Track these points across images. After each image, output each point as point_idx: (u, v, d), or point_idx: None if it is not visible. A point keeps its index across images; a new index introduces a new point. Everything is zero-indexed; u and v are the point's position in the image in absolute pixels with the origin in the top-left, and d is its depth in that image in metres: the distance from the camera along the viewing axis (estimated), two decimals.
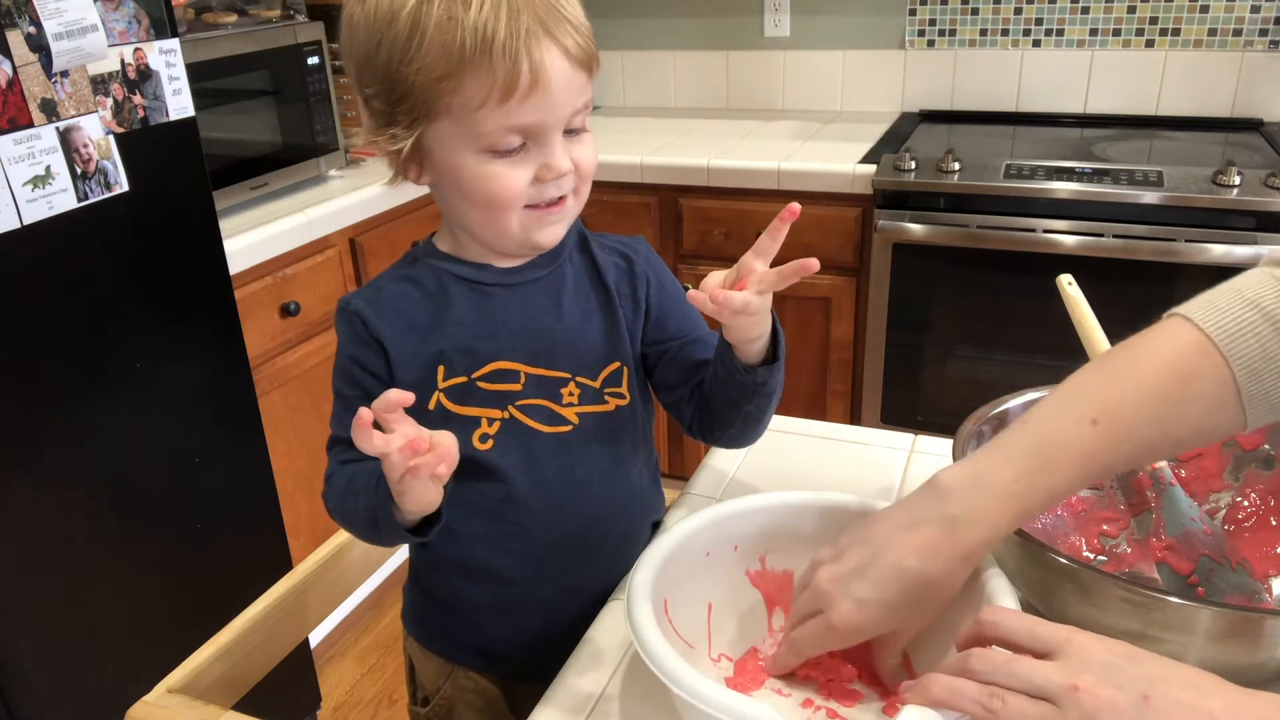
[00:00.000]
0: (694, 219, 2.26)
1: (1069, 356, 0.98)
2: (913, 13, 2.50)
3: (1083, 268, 1.41)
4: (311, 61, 2.02)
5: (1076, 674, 0.54)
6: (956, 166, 1.98)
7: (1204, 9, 2.27)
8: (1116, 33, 2.36)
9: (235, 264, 1.65)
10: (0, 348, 1.25)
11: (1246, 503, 0.86)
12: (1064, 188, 1.91)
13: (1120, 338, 0.87)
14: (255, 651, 0.93)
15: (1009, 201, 1.95)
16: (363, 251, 2.03)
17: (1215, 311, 0.68)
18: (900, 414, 2.19)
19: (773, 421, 1.15)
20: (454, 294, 0.83)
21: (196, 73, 1.60)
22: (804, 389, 2.31)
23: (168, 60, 1.41)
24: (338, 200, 1.95)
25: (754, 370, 0.79)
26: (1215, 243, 1.81)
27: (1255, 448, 0.86)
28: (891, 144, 2.22)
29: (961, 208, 1.98)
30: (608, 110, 2.85)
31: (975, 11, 2.45)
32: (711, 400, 0.84)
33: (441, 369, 0.81)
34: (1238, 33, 2.27)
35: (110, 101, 1.33)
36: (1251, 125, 2.29)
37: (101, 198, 1.34)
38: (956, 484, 0.68)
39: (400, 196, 2.10)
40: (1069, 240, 1.91)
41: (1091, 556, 0.86)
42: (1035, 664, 0.56)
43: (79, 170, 1.30)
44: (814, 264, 0.69)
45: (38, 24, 1.22)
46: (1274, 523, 0.84)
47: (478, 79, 0.70)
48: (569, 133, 0.76)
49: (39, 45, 1.23)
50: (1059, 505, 0.89)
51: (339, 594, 1.03)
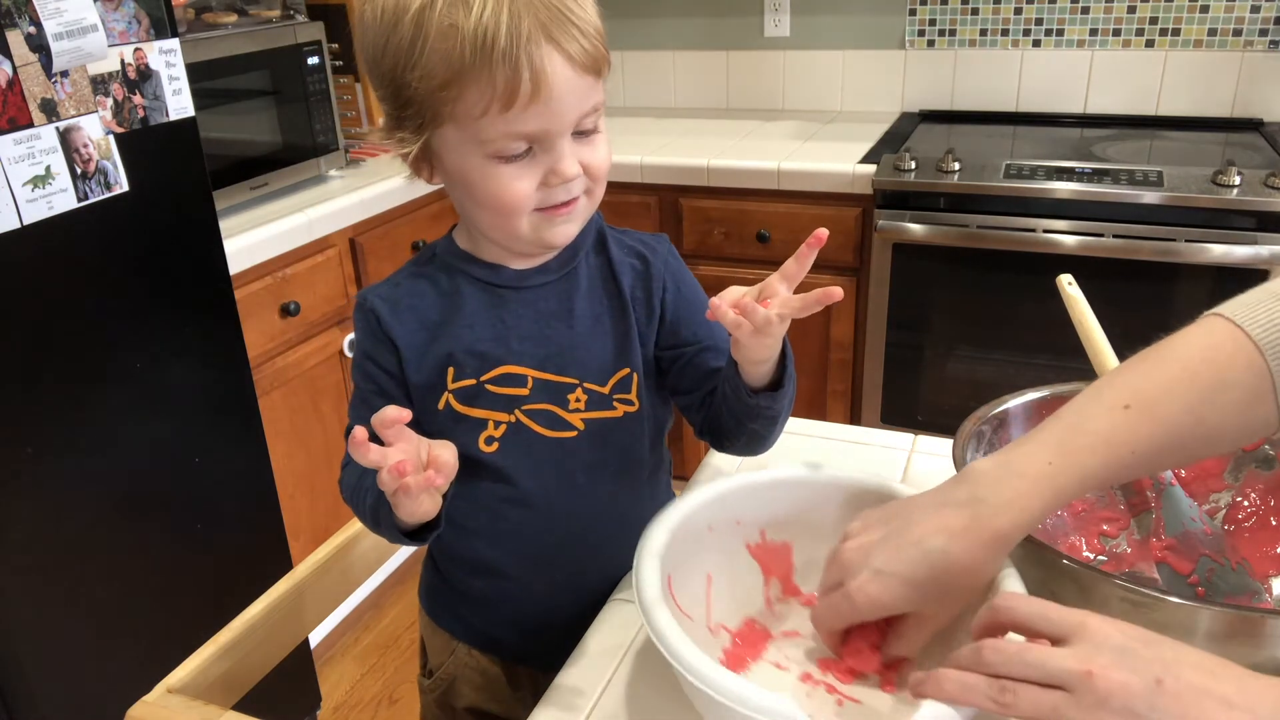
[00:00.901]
0: (694, 219, 2.26)
1: (1069, 356, 0.98)
2: (913, 13, 2.50)
3: (1083, 268, 1.41)
4: (311, 61, 2.02)
5: (1090, 659, 0.54)
6: (956, 166, 1.98)
7: (1204, 9, 2.27)
8: (1116, 33, 2.36)
9: (235, 264, 1.65)
10: (0, 348, 1.25)
11: (1246, 503, 0.86)
12: (1064, 188, 1.91)
13: (1120, 338, 0.87)
14: (255, 651, 0.93)
15: (1009, 201, 1.95)
16: (363, 251, 2.03)
17: (1249, 308, 0.68)
18: (900, 414, 2.19)
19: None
20: (466, 294, 0.83)
21: (196, 73, 1.60)
22: (804, 389, 2.31)
23: (168, 60, 1.41)
24: (338, 200, 1.95)
25: (757, 395, 0.78)
26: (1215, 243, 1.81)
27: (1255, 448, 0.86)
28: (891, 144, 2.22)
29: (961, 208, 1.98)
30: (608, 110, 2.84)
31: (975, 11, 2.44)
32: (719, 414, 0.84)
33: (451, 370, 0.81)
34: (1238, 33, 2.27)
35: (110, 101, 1.33)
36: (1251, 125, 2.29)
37: (101, 198, 1.34)
38: (987, 469, 0.68)
39: (400, 196, 2.10)
40: (1069, 240, 1.91)
41: (1091, 556, 0.86)
42: (1048, 651, 0.56)
43: (79, 170, 1.30)
44: (838, 292, 0.68)
45: (38, 24, 1.22)
46: (1274, 523, 0.84)
47: (478, 87, 0.69)
48: (580, 134, 0.75)
49: (39, 45, 1.23)
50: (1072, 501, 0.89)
51: (339, 594, 1.03)
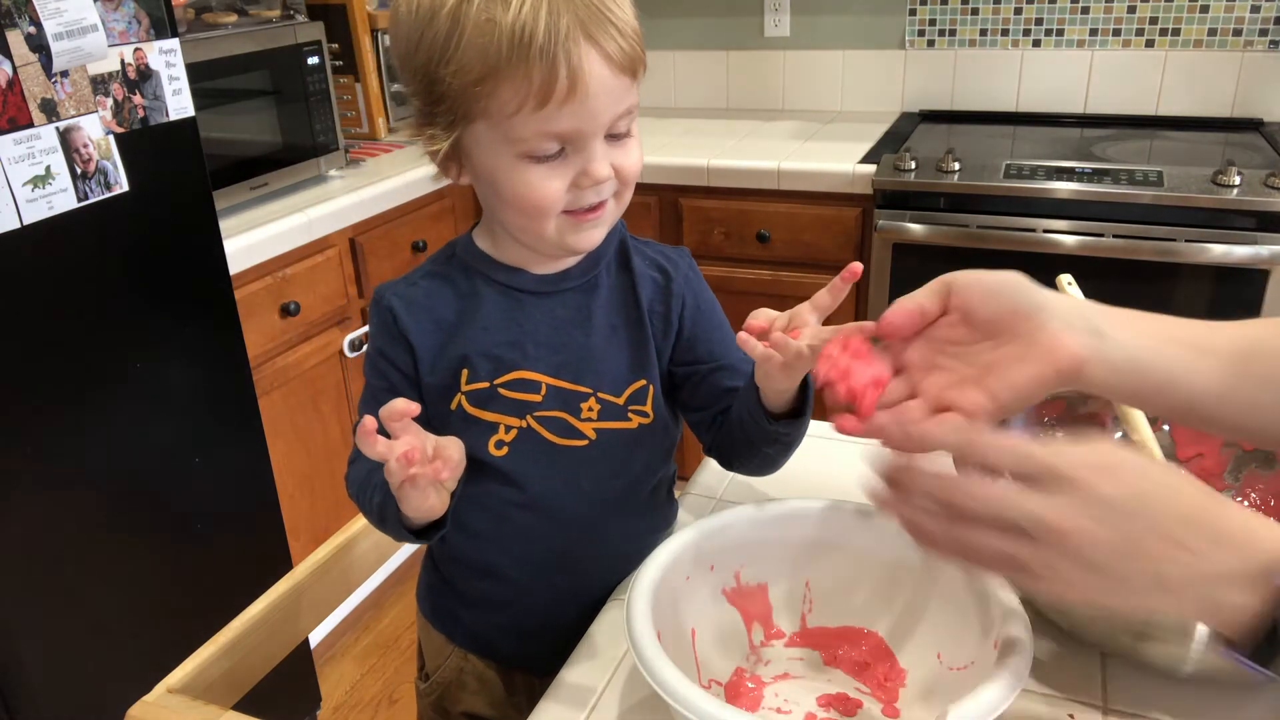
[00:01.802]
0: (694, 219, 2.26)
1: None
2: (913, 13, 2.50)
3: (1083, 268, 1.41)
4: (311, 61, 2.02)
5: (1064, 508, 0.52)
6: (956, 166, 1.98)
7: (1204, 9, 2.27)
8: (1116, 33, 2.36)
9: (235, 264, 1.65)
10: (0, 348, 1.25)
11: (1246, 503, 0.86)
12: (1064, 188, 1.90)
13: None
14: (255, 651, 0.93)
15: (1009, 201, 1.94)
16: (363, 251, 2.03)
17: None
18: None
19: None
20: (484, 296, 0.82)
21: (196, 73, 1.60)
22: None
23: (168, 60, 1.41)
24: (338, 200, 1.95)
25: (776, 421, 0.78)
26: (1215, 243, 1.81)
27: (1255, 448, 0.86)
28: (891, 144, 2.22)
29: (961, 208, 1.98)
30: None
31: (975, 11, 2.44)
32: (732, 435, 0.83)
33: (465, 372, 0.81)
34: (1238, 33, 2.27)
35: (110, 101, 1.33)
36: (1251, 125, 2.29)
37: (101, 198, 1.34)
38: None
39: (400, 196, 2.10)
40: (1069, 240, 1.91)
41: None
42: (1021, 495, 0.53)
43: (79, 170, 1.30)
44: (871, 326, 0.67)
45: (38, 24, 1.22)
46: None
47: (513, 83, 0.68)
48: (612, 137, 0.74)
49: (39, 45, 1.23)
50: None
51: (339, 594, 1.03)
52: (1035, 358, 0.62)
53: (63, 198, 1.29)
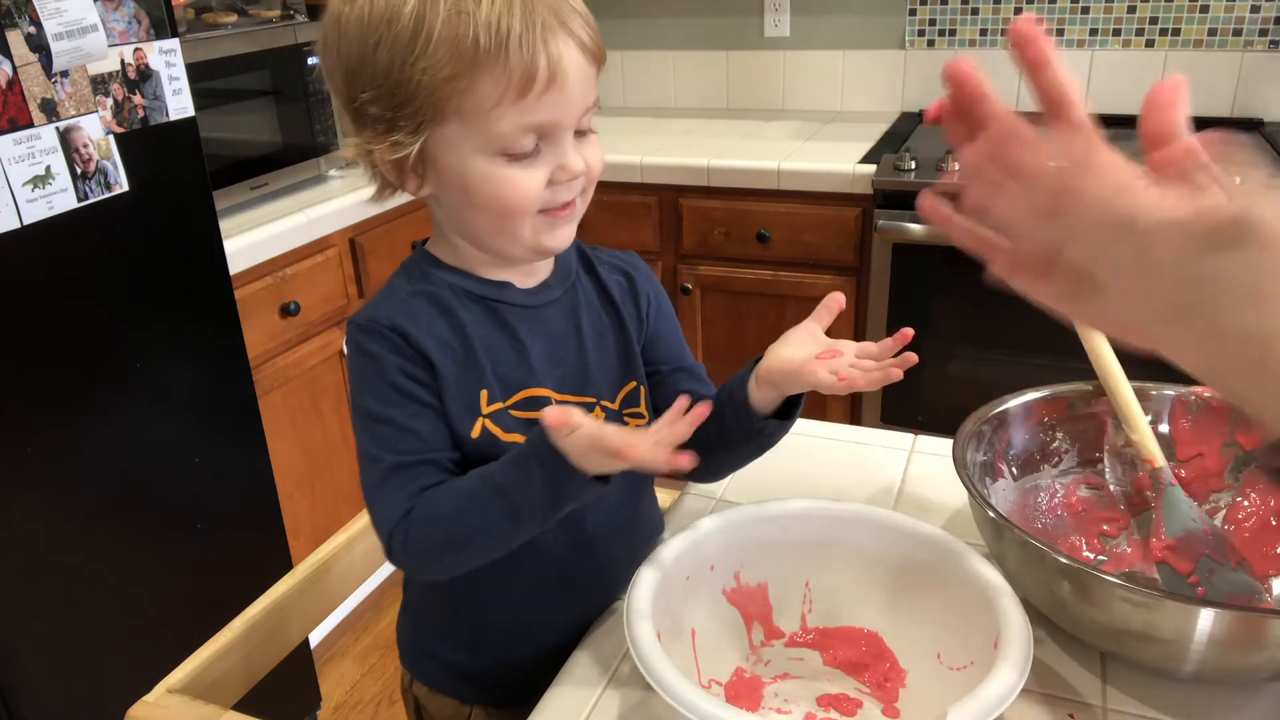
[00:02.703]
0: (694, 219, 2.26)
1: (1069, 356, 0.98)
2: (913, 13, 2.50)
3: None
4: (311, 61, 2.02)
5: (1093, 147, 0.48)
6: (957, 167, 1.98)
7: (1204, 9, 2.27)
8: (1116, 33, 2.36)
9: (235, 264, 1.65)
10: (0, 348, 1.25)
11: (1246, 503, 0.86)
12: None
13: None
14: (255, 651, 0.93)
15: None
16: (362, 251, 2.03)
17: None
18: (900, 414, 2.19)
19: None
20: (476, 314, 0.78)
21: (196, 73, 1.60)
22: None
23: (168, 60, 1.41)
24: (338, 200, 1.95)
25: (765, 420, 0.77)
26: None
27: (1255, 448, 0.86)
28: (891, 144, 2.22)
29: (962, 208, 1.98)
30: (608, 110, 2.85)
31: (975, 11, 2.44)
32: (701, 433, 0.79)
33: (485, 394, 0.77)
34: (1238, 33, 2.27)
35: (110, 101, 1.33)
36: (1251, 125, 2.29)
37: (101, 198, 1.34)
38: None
39: (400, 196, 2.09)
40: None
41: (1091, 556, 0.86)
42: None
43: (79, 170, 1.30)
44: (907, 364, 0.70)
45: (38, 24, 1.22)
46: (1274, 523, 0.84)
47: (493, 76, 0.67)
48: (578, 134, 0.73)
49: (39, 45, 1.23)
50: (1059, 505, 0.89)
51: (339, 594, 1.03)
52: None
53: (63, 198, 1.29)
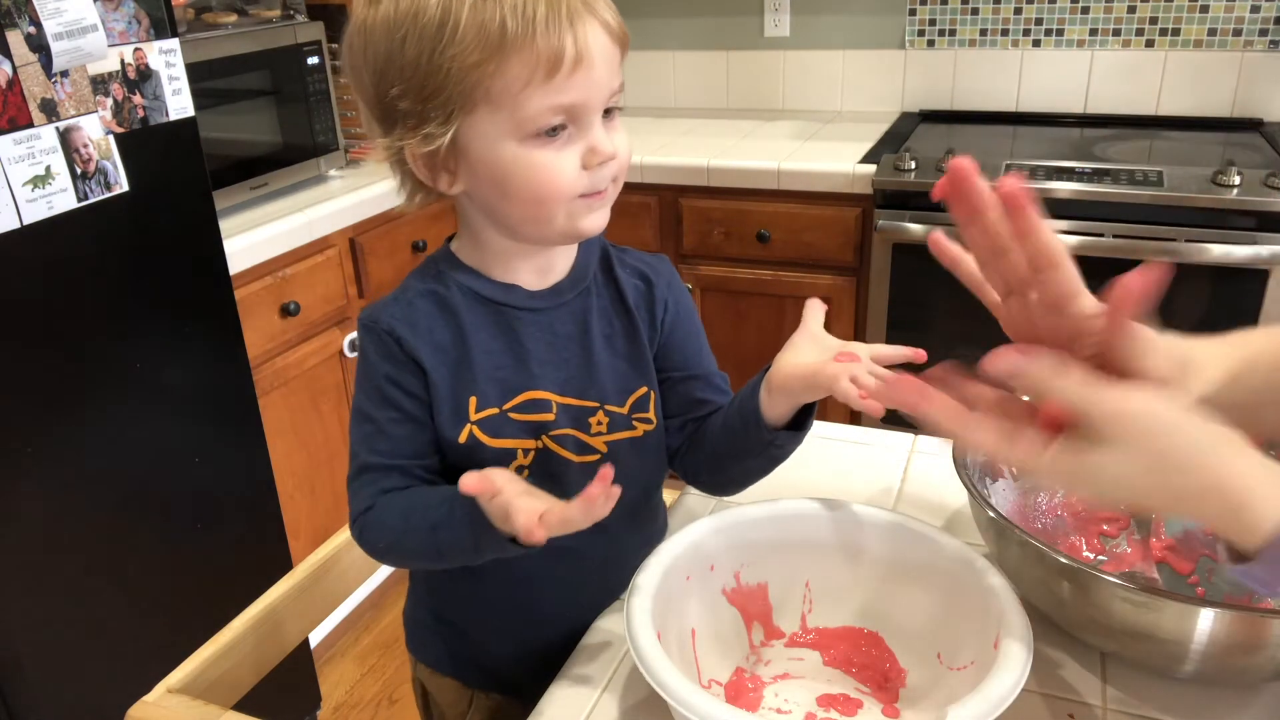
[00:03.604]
0: (694, 219, 2.26)
1: None
2: (913, 13, 2.50)
3: (1083, 268, 1.40)
4: (311, 61, 2.02)
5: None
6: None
7: (1204, 9, 2.27)
8: (1116, 33, 2.36)
9: (235, 264, 1.65)
10: (0, 348, 1.25)
11: None
12: (1064, 188, 1.90)
13: None
14: (255, 651, 0.93)
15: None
16: (363, 251, 2.03)
17: None
18: (900, 414, 2.18)
19: None
20: (481, 317, 0.79)
21: (196, 73, 1.60)
22: None
23: (168, 60, 1.41)
24: (338, 200, 1.95)
25: (776, 431, 0.77)
26: (1215, 243, 1.81)
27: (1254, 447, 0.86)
28: (891, 144, 2.22)
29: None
30: None
31: (975, 11, 2.44)
32: (712, 445, 0.82)
33: (474, 400, 0.78)
34: (1238, 33, 2.27)
35: (110, 101, 1.33)
36: (1251, 125, 2.29)
37: (101, 198, 1.34)
38: None
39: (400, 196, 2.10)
40: (1069, 240, 1.90)
41: (1091, 556, 0.86)
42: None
43: (79, 170, 1.30)
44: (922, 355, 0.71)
45: (38, 24, 1.22)
46: None
47: (521, 59, 0.68)
48: (605, 116, 0.73)
49: (39, 45, 1.23)
50: (1059, 506, 0.89)
51: (339, 594, 1.03)
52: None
53: (63, 198, 1.29)
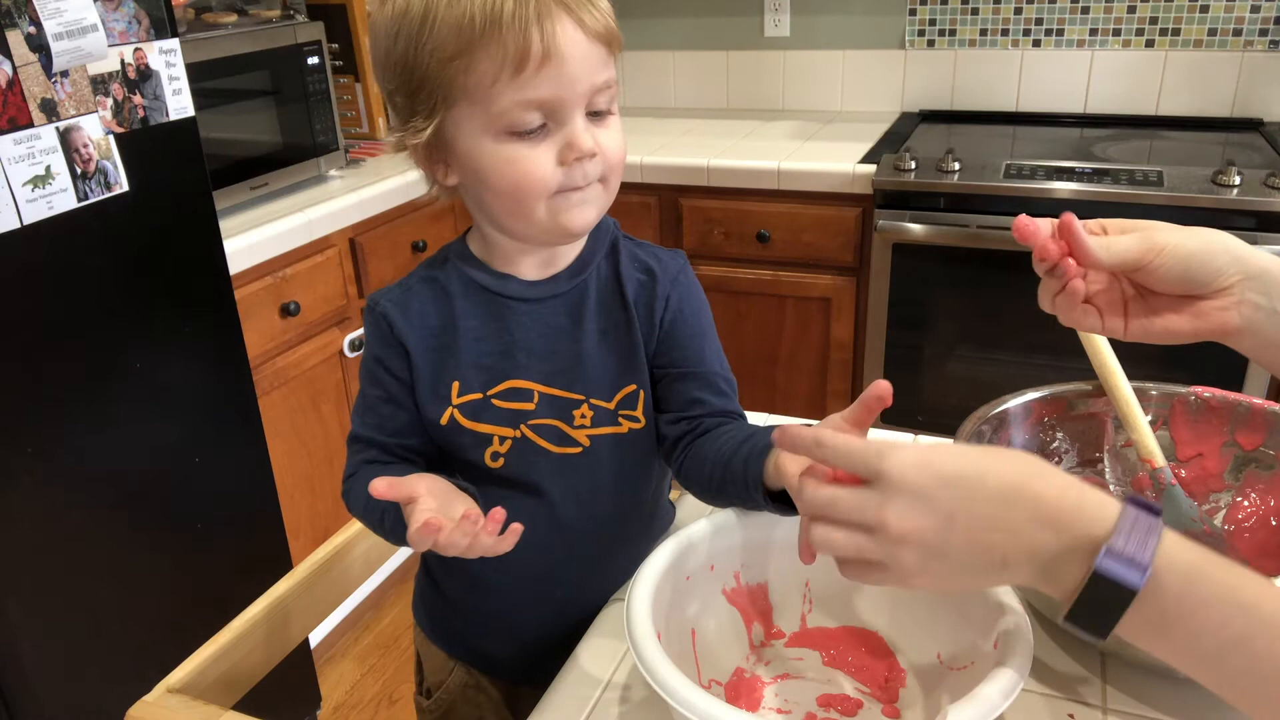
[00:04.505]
0: (694, 219, 2.26)
1: (1069, 356, 0.98)
2: (913, 13, 2.50)
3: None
4: (311, 61, 2.02)
5: (883, 507, 0.56)
6: (956, 166, 1.98)
7: (1204, 9, 2.27)
8: (1116, 33, 2.36)
9: (235, 264, 1.65)
10: (0, 348, 1.25)
11: (1246, 503, 0.86)
12: (1064, 188, 1.90)
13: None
14: (255, 651, 0.93)
15: (1009, 201, 1.94)
16: (363, 251, 2.03)
17: None
18: (900, 414, 2.18)
19: (773, 421, 1.15)
20: (474, 304, 0.81)
21: (196, 73, 1.60)
22: (804, 389, 2.30)
23: (168, 60, 1.41)
24: (338, 200, 1.95)
25: (772, 503, 0.74)
26: None
27: (1255, 448, 0.86)
28: (891, 144, 2.22)
29: (961, 208, 1.98)
30: None
31: (975, 11, 2.44)
32: (710, 472, 0.80)
33: (456, 385, 0.80)
34: (1238, 33, 2.27)
35: (110, 101, 1.33)
36: (1251, 125, 2.29)
37: (101, 198, 1.34)
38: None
39: (400, 196, 2.10)
40: None
41: None
42: (848, 499, 0.58)
43: (79, 170, 1.30)
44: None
45: (38, 24, 1.22)
46: (1274, 523, 0.84)
47: (488, 53, 0.69)
48: (594, 115, 0.74)
49: (39, 45, 1.23)
50: None
51: (339, 594, 1.03)
52: (1192, 314, 0.71)
53: (63, 198, 1.29)
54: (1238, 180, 1.81)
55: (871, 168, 2.05)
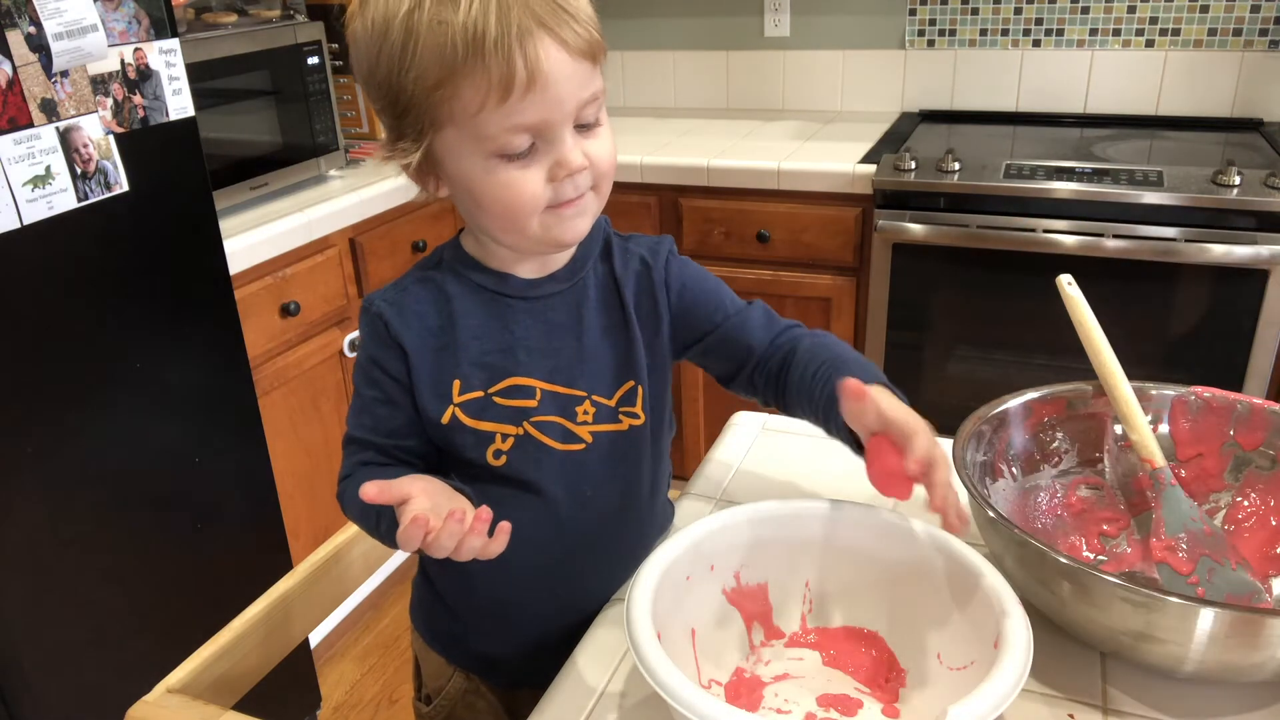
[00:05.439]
0: (694, 219, 2.26)
1: (1069, 356, 0.98)
2: (913, 13, 2.50)
3: (1083, 268, 1.41)
4: (311, 61, 2.02)
5: None
6: (956, 166, 1.98)
7: (1204, 9, 2.27)
8: (1116, 33, 2.36)
9: (235, 264, 1.65)
10: (0, 348, 1.25)
11: (1246, 503, 0.86)
12: (1064, 188, 1.90)
13: (1121, 338, 0.87)
14: (255, 651, 0.93)
15: (1009, 201, 1.94)
16: (363, 251, 2.03)
17: None
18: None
19: (772, 421, 1.15)
20: (473, 304, 0.81)
21: (196, 73, 1.60)
22: None
23: (168, 60, 1.41)
24: (338, 200, 1.95)
25: (844, 436, 0.79)
26: (1215, 243, 1.81)
27: (1255, 448, 0.86)
28: (891, 144, 2.22)
29: (961, 208, 1.98)
30: (608, 110, 2.85)
31: (975, 11, 2.44)
32: (794, 394, 0.83)
33: (457, 383, 0.80)
34: (1238, 33, 2.27)
35: (110, 101, 1.33)
36: (1251, 125, 2.29)
37: (101, 198, 1.34)
38: None
39: (400, 196, 2.10)
40: (1069, 240, 1.90)
41: (1091, 556, 0.86)
42: None
43: (79, 170, 1.30)
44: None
45: (38, 24, 1.22)
46: (1274, 523, 0.84)
47: (472, 81, 0.68)
48: (582, 127, 0.73)
49: (39, 45, 1.23)
50: (1059, 505, 0.89)
51: (339, 594, 1.03)
52: None
53: (63, 198, 1.29)
54: (1238, 180, 1.81)
55: (871, 168, 2.05)
